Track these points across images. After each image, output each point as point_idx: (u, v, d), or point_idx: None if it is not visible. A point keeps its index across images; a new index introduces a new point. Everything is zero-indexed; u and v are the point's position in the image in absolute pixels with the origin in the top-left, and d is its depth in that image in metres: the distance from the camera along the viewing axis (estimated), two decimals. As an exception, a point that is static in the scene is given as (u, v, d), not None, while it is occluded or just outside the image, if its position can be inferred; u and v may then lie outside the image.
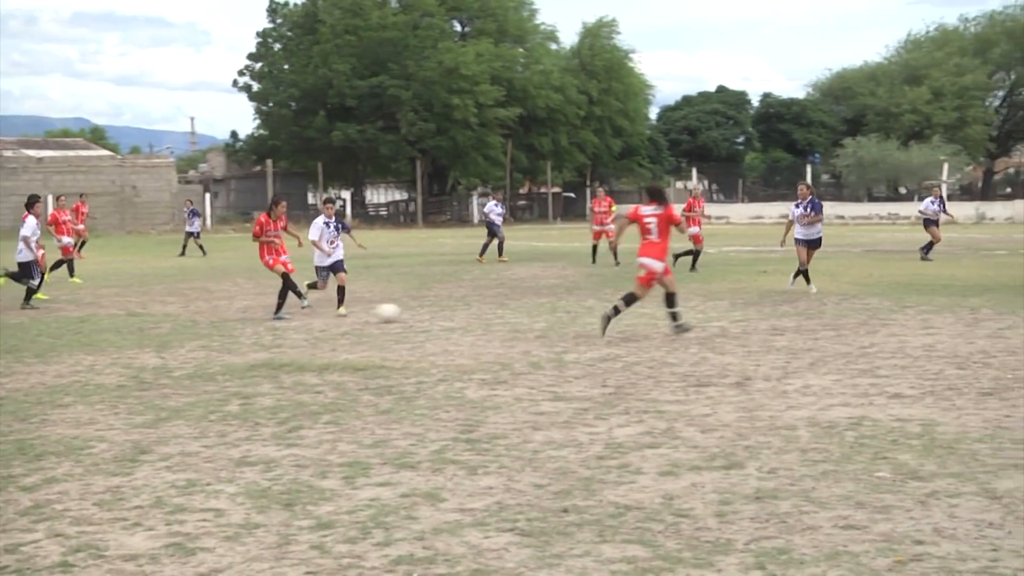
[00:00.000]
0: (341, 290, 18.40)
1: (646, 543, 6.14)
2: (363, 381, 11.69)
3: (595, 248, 30.07)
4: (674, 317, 14.90)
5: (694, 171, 72.41)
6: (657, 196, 15.10)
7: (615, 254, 27.17)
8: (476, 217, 72.88)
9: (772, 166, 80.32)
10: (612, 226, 29.67)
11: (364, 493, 7.29)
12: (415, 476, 7.70)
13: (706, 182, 78.80)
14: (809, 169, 67.46)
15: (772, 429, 9.01)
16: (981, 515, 6.57)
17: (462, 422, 9.49)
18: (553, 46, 76.40)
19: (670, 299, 14.95)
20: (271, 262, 18.36)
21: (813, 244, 20.90)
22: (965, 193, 76.40)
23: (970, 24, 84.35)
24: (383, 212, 76.13)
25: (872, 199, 71.19)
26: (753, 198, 74.39)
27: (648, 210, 14.88)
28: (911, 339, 14.21)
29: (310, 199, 73.43)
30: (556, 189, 77.21)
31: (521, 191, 80.00)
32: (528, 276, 25.77)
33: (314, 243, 18.42)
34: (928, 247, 29.19)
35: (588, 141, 72.84)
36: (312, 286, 18.97)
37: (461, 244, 22.49)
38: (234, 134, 75.97)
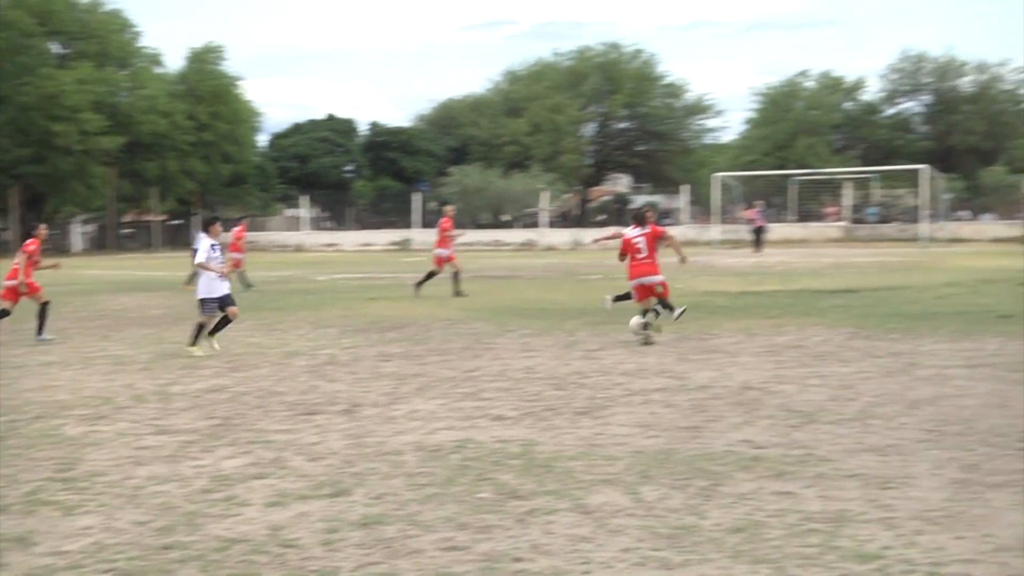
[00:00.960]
0: (226, 321, 16.42)
1: (251, 576, 6.06)
2: (-51, 421, 10.93)
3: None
4: (656, 314, 16.93)
5: (304, 198, 72.31)
6: (640, 219, 17.19)
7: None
8: (75, 246, 69.88)
9: (381, 193, 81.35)
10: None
11: (-52, 542, 6.81)
12: (5, 520, 7.27)
13: (317, 209, 78.83)
14: (418, 197, 68.76)
15: (379, 455, 9.09)
16: (574, 530, 6.87)
17: (59, 460, 9.04)
18: (159, 70, 74.36)
19: (663, 303, 17.12)
20: (36, 285, 18.07)
21: None
22: (563, 220, 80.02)
23: (563, 58, 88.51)
24: (-27, 241, 71.58)
25: (477, 226, 73.31)
26: (363, 225, 75.09)
27: (634, 232, 16.96)
28: (513, 362, 14.70)
29: None
30: (162, 217, 75.15)
31: (125, 219, 77.38)
32: (133, 306, 24.93)
33: (202, 267, 16.12)
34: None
35: (196, 168, 71.30)
36: (200, 328, 16.37)
37: (59, 275, 21.42)
38: None
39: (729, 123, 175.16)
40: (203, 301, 16.31)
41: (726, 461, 8.68)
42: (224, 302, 16.30)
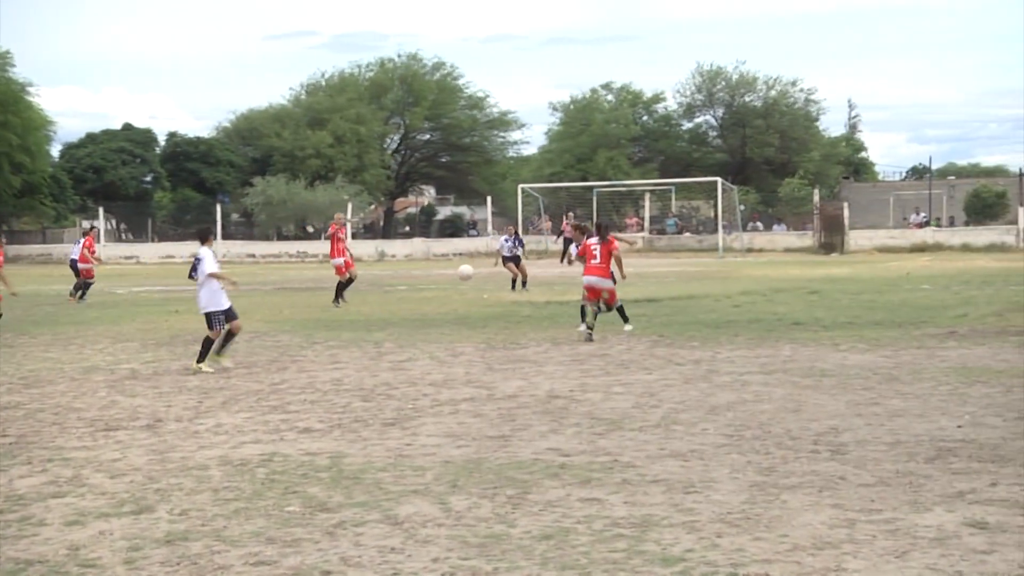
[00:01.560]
0: (231, 336, 15.50)
1: (50, 599, 5.86)
2: None
3: None
4: (591, 318, 18.29)
5: (101, 210, 70.30)
6: (602, 232, 19.44)
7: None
8: None
9: (182, 205, 79.63)
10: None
11: None
12: None
13: (113, 221, 76.68)
14: (219, 208, 67.59)
15: (184, 470, 8.90)
16: (384, 541, 6.85)
17: None
18: (-61, 76, 71.01)
19: (609, 307, 18.87)
20: None
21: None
22: (368, 232, 79.70)
23: (364, 70, 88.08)
24: None
25: (281, 237, 72.50)
26: (163, 237, 73.29)
27: (593, 241, 19.18)
28: (320, 374, 14.58)
29: None
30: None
31: None
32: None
33: (216, 276, 15.22)
34: (518, 282, 30.40)
35: (-16, 179, 68.33)
36: (208, 344, 15.30)
37: None
38: None
39: (532, 136, 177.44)
40: (211, 315, 15.40)
41: (534, 469, 8.77)
42: (228, 315, 15.44)
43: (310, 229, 74.39)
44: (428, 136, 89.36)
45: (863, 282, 30.80)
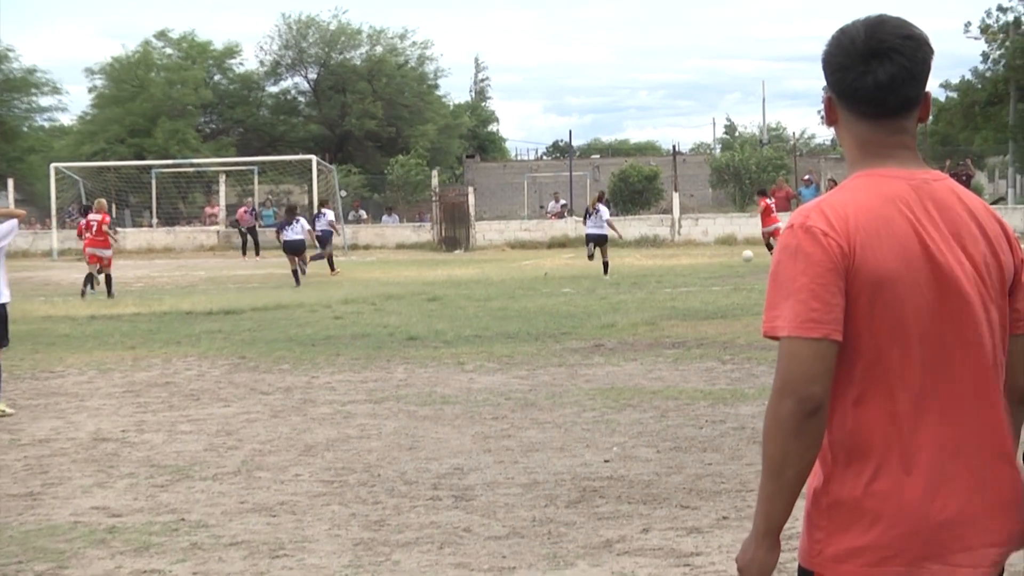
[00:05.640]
0: None
1: None
2: None
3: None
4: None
5: None
6: (765, 193, 39.14)
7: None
8: None
9: None
10: None
11: None
12: None
13: None
14: None
15: None
16: None
17: None
18: None
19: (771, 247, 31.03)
20: None
21: None
22: None
23: None
24: None
25: None
26: None
27: (770, 201, 37.80)
28: None
29: None
30: None
31: None
32: None
33: None
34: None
35: None
36: None
37: None
38: None
39: (72, 100, 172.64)
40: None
41: (73, 535, 8.57)
42: None
43: None
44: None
45: (493, 285, 31.66)
